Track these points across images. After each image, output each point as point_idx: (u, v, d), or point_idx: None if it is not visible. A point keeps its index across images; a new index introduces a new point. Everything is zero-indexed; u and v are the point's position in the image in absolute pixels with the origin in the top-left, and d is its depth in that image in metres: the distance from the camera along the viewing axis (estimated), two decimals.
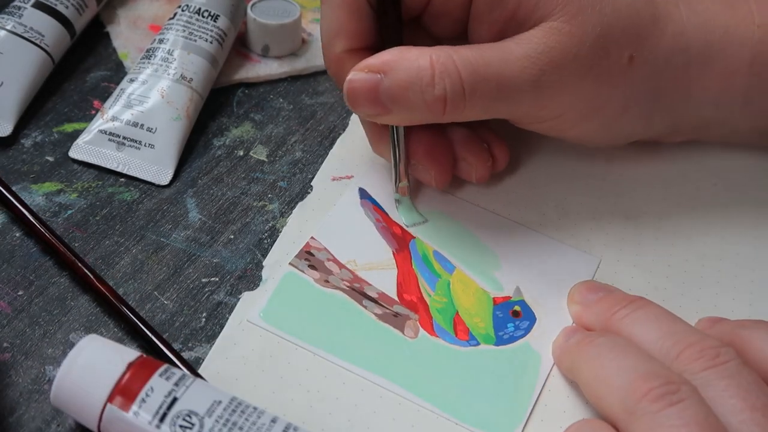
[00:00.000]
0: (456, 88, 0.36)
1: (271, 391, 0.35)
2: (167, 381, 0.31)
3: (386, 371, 0.36)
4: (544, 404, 0.36)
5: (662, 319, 0.35)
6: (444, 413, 0.35)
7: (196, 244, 0.41)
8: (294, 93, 0.50)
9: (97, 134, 0.44)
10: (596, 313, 0.37)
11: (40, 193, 0.42)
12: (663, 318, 0.35)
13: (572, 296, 0.39)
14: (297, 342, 0.37)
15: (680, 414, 0.29)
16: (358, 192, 0.43)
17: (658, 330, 0.34)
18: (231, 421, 0.30)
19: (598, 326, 0.37)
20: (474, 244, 0.42)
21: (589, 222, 0.43)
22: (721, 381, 0.31)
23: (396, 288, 0.39)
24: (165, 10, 0.53)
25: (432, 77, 0.36)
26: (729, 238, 0.43)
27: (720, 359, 0.32)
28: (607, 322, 0.36)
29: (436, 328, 0.38)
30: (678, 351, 0.33)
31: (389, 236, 0.42)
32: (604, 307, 0.37)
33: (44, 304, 0.37)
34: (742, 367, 0.32)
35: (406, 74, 0.37)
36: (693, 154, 0.48)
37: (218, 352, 0.36)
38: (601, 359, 0.33)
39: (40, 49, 0.46)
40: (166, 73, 0.45)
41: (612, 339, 0.34)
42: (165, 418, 0.30)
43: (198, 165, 0.45)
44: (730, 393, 0.31)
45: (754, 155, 0.48)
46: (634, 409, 0.30)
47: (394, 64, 0.37)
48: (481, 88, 0.37)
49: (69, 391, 0.31)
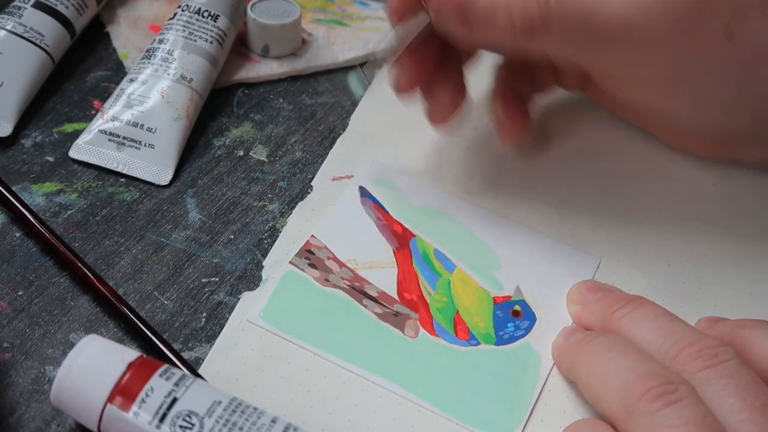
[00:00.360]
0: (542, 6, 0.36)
1: (271, 391, 0.35)
2: (167, 381, 0.31)
3: (386, 371, 0.36)
4: (544, 404, 0.36)
5: (661, 319, 0.35)
6: (444, 413, 0.35)
7: (196, 244, 0.41)
8: (294, 93, 0.50)
9: (97, 134, 0.44)
10: (595, 312, 0.37)
11: (40, 193, 0.42)
12: (662, 317, 0.35)
13: (572, 296, 0.39)
14: (297, 342, 0.37)
15: (678, 413, 0.29)
16: (359, 190, 0.43)
17: (657, 329, 0.34)
18: (231, 421, 0.30)
19: (598, 326, 0.37)
20: (474, 243, 0.42)
21: (589, 222, 0.43)
22: (720, 380, 0.31)
23: (396, 287, 0.39)
24: (165, 10, 0.53)
25: None
26: (729, 238, 0.43)
27: (719, 358, 0.32)
28: (606, 322, 0.36)
29: (437, 328, 0.38)
30: (677, 350, 0.33)
31: (390, 234, 0.42)
32: (603, 306, 0.37)
33: (44, 304, 0.37)
34: (741, 366, 0.32)
35: None
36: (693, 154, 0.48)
37: (218, 352, 0.36)
38: (600, 359, 0.33)
39: (40, 49, 0.46)
40: (166, 73, 0.45)
41: (611, 339, 0.34)
42: (165, 418, 0.30)
43: (198, 165, 0.45)
44: (729, 392, 0.31)
45: None
46: (632, 409, 0.30)
47: None
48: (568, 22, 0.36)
49: (69, 391, 0.31)
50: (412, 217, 0.43)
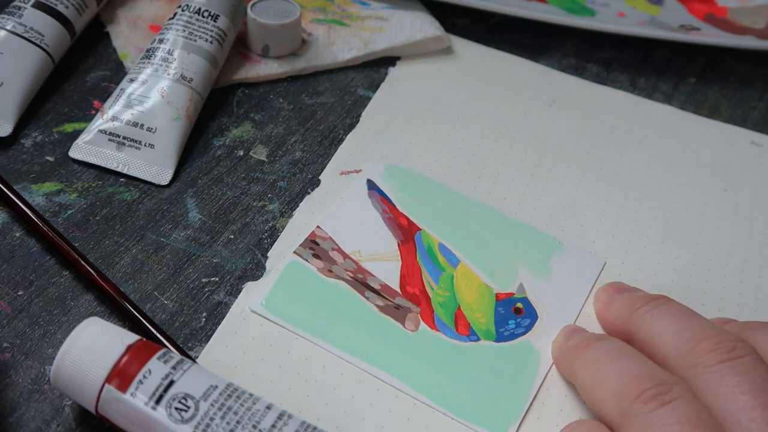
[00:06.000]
0: None
1: (270, 379, 0.35)
2: (165, 364, 0.31)
3: (385, 364, 0.36)
4: (541, 402, 0.36)
5: (682, 315, 0.35)
6: (440, 407, 0.35)
7: (196, 244, 0.41)
8: (294, 93, 0.50)
9: (97, 134, 0.44)
10: (618, 309, 0.37)
11: (40, 193, 0.42)
12: (683, 313, 0.35)
13: (598, 295, 0.39)
14: (298, 332, 0.37)
15: (671, 413, 0.30)
16: (366, 183, 0.44)
17: (677, 324, 0.34)
18: (226, 405, 0.31)
19: (620, 322, 0.37)
20: (480, 239, 0.42)
21: (595, 224, 0.43)
22: (735, 377, 0.31)
23: (399, 280, 0.39)
24: (165, 10, 0.53)
25: None
26: (736, 243, 0.43)
27: (736, 353, 0.32)
28: (628, 318, 0.36)
29: (437, 322, 0.38)
30: (694, 343, 0.32)
31: (395, 227, 0.42)
32: (627, 303, 0.37)
33: (44, 304, 0.37)
34: (758, 364, 0.31)
35: None
36: (703, 159, 0.48)
37: (218, 340, 0.36)
38: (597, 363, 0.33)
39: (40, 49, 0.46)
40: (166, 73, 0.45)
41: (608, 343, 0.34)
42: (161, 400, 0.30)
43: (198, 165, 0.44)
44: (743, 389, 0.30)
45: (765, 163, 0.48)
46: (627, 412, 0.31)
47: None
48: None
49: (68, 371, 0.31)
50: (419, 210, 0.43)
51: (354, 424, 0.34)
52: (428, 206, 0.43)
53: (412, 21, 0.53)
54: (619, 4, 0.59)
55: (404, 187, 0.44)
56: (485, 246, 0.41)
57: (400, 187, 0.44)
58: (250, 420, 0.30)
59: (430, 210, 0.43)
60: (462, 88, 0.51)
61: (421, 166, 0.45)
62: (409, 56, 0.53)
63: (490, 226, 0.42)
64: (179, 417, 0.30)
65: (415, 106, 0.49)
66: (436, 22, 0.53)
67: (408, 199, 0.43)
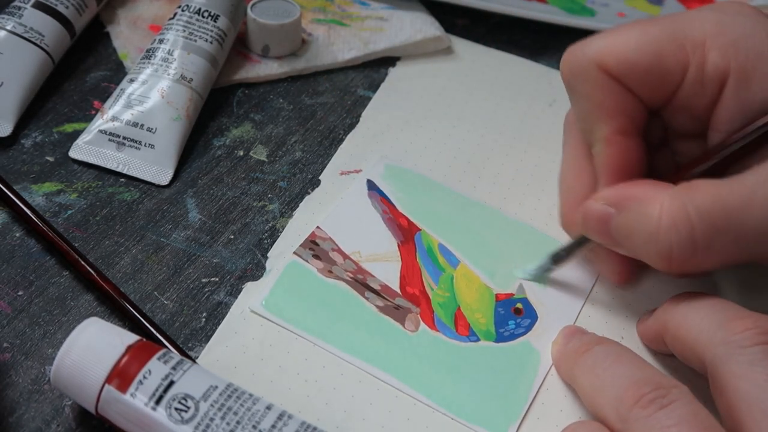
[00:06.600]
0: (684, 243, 0.34)
1: (269, 380, 0.35)
2: (165, 365, 0.31)
3: (385, 364, 0.36)
4: (541, 402, 0.36)
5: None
6: (440, 408, 0.35)
7: (196, 244, 0.41)
8: (294, 93, 0.50)
9: (97, 134, 0.44)
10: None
11: (40, 193, 0.42)
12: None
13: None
14: (297, 332, 0.37)
15: (669, 415, 0.30)
16: (366, 183, 0.44)
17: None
18: (226, 406, 0.31)
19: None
20: (480, 239, 0.42)
21: None
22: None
23: (399, 280, 0.39)
24: (165, 10, 0.53)
25: (658, 230, 0.34)
26: None
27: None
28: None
29: (437, 323, 0.38)
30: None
31: (395, 228, 0.42)
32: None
33: (44, 304, 0.37)
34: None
35: (635, 218, 0.35)
36: None
37: (218, 340, 0.36)
38: (596, 369, 0.34)
39: (40, 49, 0.46)
40: (166, 73, 0.45)
41: (606, 347, 0.34)
42: (161, 400, 0.30)
43: (198, 165, 0.44)
44: None
45: None
46: (627, 417, 0.31)
47: (626, 203, 0.35)
48: (717, 242, 0.34)
49: (68, 372, 0.31)
50: (419, 211, 0.43)
51: (354, 424, 0.34)
52: (428, 206, 0.43)
53: (412, 21, 0.53)
54: (619, 4, 0.59)
55: (404, 187, 0.44)
56: (485, 246, 0.41)
57: (400, 187, 0.44)
58: (250, 420, 0.30)
59: (430, 210, 0.43)
60: (462, 88, 0.51)
61: (421, 166, 0.45)
62: (409, 56, 0.53)
63: (490, 226, 0.42)
64: (179, 417, 0.30)
65: (415, 106, 0.49)
66: (436, 22, 0.53)
67: (408, 199, 0.43)
